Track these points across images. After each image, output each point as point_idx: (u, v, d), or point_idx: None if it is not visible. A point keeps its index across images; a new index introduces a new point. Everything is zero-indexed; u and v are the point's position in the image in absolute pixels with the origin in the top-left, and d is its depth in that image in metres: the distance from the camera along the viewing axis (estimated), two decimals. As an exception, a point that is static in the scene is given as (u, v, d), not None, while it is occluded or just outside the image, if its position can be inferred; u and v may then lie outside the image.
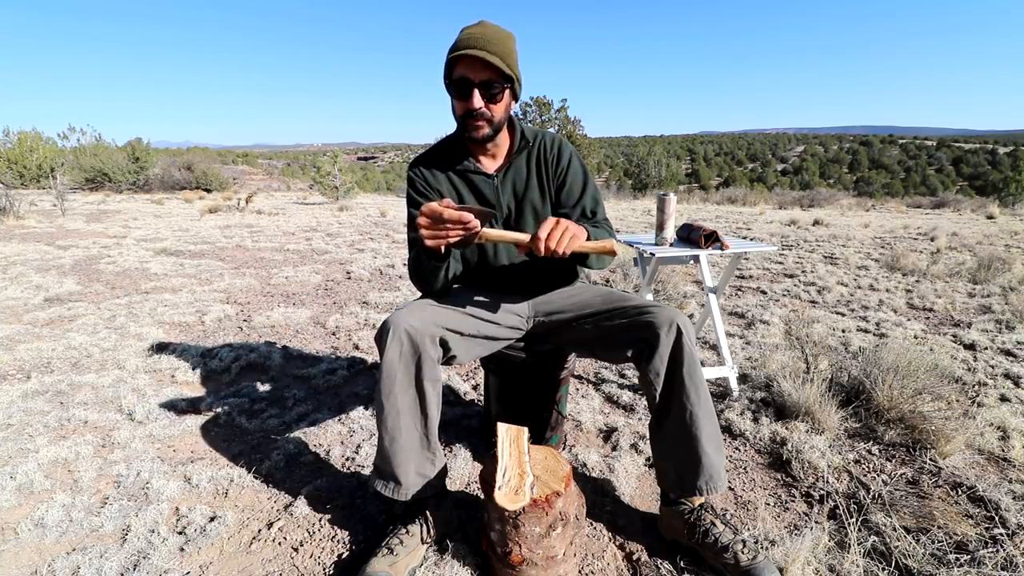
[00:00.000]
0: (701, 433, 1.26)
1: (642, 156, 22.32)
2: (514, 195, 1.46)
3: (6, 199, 7.51)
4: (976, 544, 1.33)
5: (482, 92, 1.29)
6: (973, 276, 4.48)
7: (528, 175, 1.47)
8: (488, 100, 1.31)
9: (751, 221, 9.61)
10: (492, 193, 1.44)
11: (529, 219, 1.47)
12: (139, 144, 18.05)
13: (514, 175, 1.46)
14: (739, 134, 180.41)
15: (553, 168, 1.48)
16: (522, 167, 1.46)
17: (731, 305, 3.69)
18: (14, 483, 1.55)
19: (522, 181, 1.46)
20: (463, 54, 1.25)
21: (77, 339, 2.78)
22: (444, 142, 1.49)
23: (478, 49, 1.24)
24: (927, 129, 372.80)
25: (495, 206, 1.44)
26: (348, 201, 13.50)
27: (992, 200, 16.75)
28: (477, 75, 1.27)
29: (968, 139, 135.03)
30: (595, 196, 1.51)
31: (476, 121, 1.32)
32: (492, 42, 1.26)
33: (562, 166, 1.48)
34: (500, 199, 1.45)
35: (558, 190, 1.48)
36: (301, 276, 4.45)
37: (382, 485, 1.29)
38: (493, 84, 1.29)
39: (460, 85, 1.29)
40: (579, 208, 1.48)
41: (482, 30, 1.28)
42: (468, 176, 1.45)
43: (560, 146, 1.49)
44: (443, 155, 1.46)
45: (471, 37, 1.27)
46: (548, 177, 1.47)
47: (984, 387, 2.29)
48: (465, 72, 1.28)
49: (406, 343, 1.22)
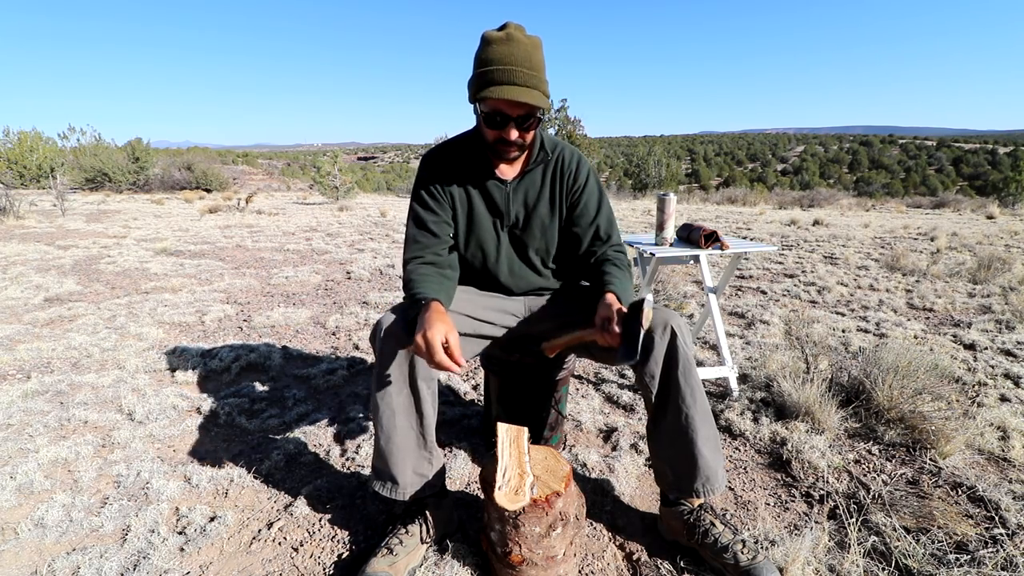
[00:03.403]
0: (697, 435, 1.26)
1: (642, 156, 22.30)
2: (524, 205, 1.43)
3: (6, 199, 7.51)
4: (976, 544, 1.33)
5: (517, 124, 1.24)
6: (973, 276, 4.48)
7: (542, 187, 1.43)
8: (523, 131, 1.27)
9: (751, 221, 9.61)
10: (503, 200, 1.41)
11: (535, 232, 1.44)
12: (139, 144, 18.03)
13: (528, 185, 1.42)
14: (739, 134, 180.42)
15: (569, 184, 1.44)
16: (537, 179, 1.43)
17: (731, 305, 3.69)
18: (14, 483, 1.55)
19: (535, 193, 1.43)
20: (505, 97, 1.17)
21: (77, 339, 2.78)
22: (462, 140, 1.42)
23: (516, 86, 1.18)
24: (927, 129, 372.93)
25: (505, 213, 1.42)
26: (348, 201, 13.50)
27: (992, 200, 16.74)
28: (514, 110, 1.22)
29: (968, 139, 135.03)
30: (609, 217, 1.48)
31: (509, 149, 1.29)
32: (527, 69, 1.18)
33: (579, 184, 1.44)
34: (510, 207, 1.42)
35: (571, 207, 1.45)
36: (301, 276, 4.45)
37: (380, 485, 1.29)
38: (529, 118, 1.25)
39: (494, 120, 1.24)
40: (593, 228, 1.45)
41: (515, 51, 1.18)
42: (482, 183, 1.41)
43: (579, 163, 1.45)
44: (460, 156, 1.40)
45: (507, 67, 1.17)
46: (562, 193, 1.44)
47: (984, 387, 2.29)
48: (501, 108, 1.22)
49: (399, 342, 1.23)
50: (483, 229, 1.43)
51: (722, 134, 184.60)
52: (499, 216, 1.42)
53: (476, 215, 1.41)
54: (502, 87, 1.18)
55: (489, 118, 1.25)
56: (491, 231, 1.43)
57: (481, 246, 1.44)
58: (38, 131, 17.94)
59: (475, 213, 1.41)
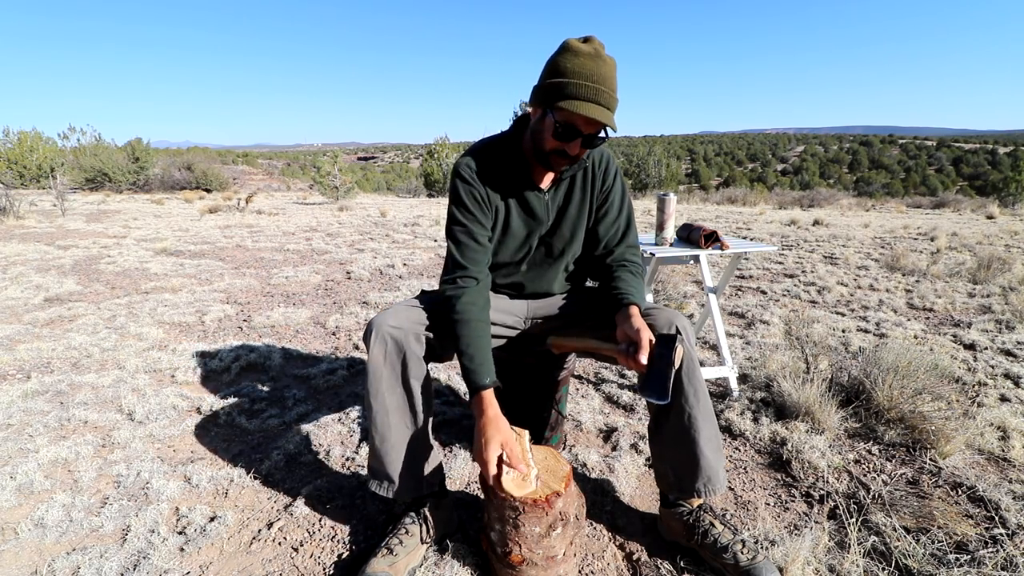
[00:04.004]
0: (700, 435, 1.26)
1: (642, 156, 22.28)
2: (559, 211, 1.43)
3: (6, 199, 7.51)
4: (976, 544, 1.33)
5: (585, 142, 1.24)
6: (973, 276, 4.48)
7: (573, 190, 1.43)
8: (585, 148, 1.26)
9: (751, 221, 9.61)
10: (543, 209, 1.41)
11: (565, 233, 1.44)
12: (139, 144, 18.03)
13: (563, 191, 1.42)
14: (739, 134, 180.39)
15: (600, 184, 1.44)
16: (573, 183, 1.43)
17: (731, 305, 3.69)
18: (14, 483, 1.55)
19: (569, 198, 1.43)
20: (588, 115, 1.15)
21: (77, 339, 2.78)
22: (500, 144, 1.39)
23: (600, 106, 1.16)
24: (927, 129, 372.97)
25: (543, 221, 1.42)
26: (348, 201, 13.50)
27: (992, 200, 16.74)
28: (588, 128, 1.21)
29: (968, 139, 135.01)
30: (630, 216, 1.48)
31: (565, 161, 1.28)
32: (610, 90, 1.18)
33: (607, 184, 1.45)
34: (548, 215, 1.42)
35: (599, 207, 1.45)
36: (301, 276, 4.45)
37: (376, 485, 1.29)
38: (596, 137, 1.24)
39: (568, 131, 1.21)
40: (614, 228, 1.45)
41: (602, 70, 1.17)
42: (520, 191, 1.39)
43: (608, 162, 1.45)
44: (499, 162, 1.37)
45: (593, 87, 1.16)
46: (592, 194, 1.44)
47: (984, 387, 2.29)
48: (577, 123, 1.20)
49: (390, 343, 1.23)
50: (515, 237, 1.42)
51: (722, 134, 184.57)
52: (537, 224, 1.42)
53: (512, 223, 1.40)
54: (588, 104, 1.16)
55: (561, 129, 1.21)
56: (523, 238, 1.42)
57: (509, 252, 1.43)
58: (38, 131, 17.95)
59: (511, 221, 1.40)
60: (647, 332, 1.19)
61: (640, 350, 1.16)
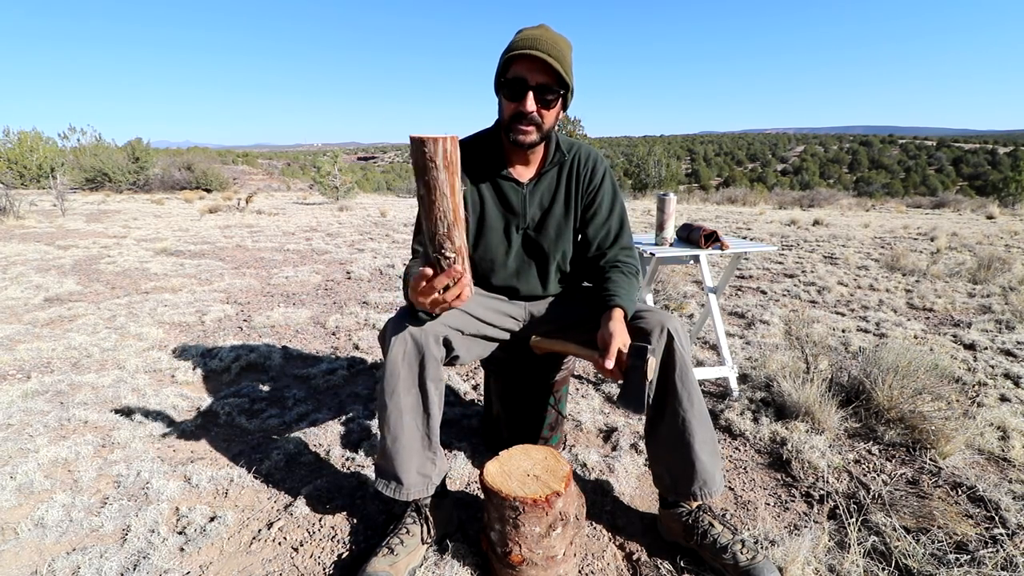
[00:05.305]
0: (694, 439, 1.26)
1: (642, 156, 22.28)
2: (540, 207, 1.43)
3: (6, 199, 7.51)
4: (976, 544, 1.33)
5: (536, 96, 1.25)
6: (973, 276, 4.48)
7: (557, 188, 1.43)
8: (541, 105, 1.27)
9: (751, 221, 9.61)
10: (520, 203, 1.41)
11: (551, 232, 1.44)
12: (139, 144, 18.03)
13: (544, 186, 1.42)
14: (739, 134, 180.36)
15: (585, 184, 1.44)
16: (553, 180, 1.43)
17: (731, 305, 3.69)
18: (14, 483, 1.55)
19: (551, 194, 1.43)
20: (522, 54, 1.21)
21: (77, 339, 2.78)
22: (480, 139, 1.42)
23: (538, 51, 1.20)
24: (927, 129, 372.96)
25: (521, 215, 1.42)
26: (348, 201, 13.51)
27: (992, 200, 16.74)
28: (534, 77, 1.23)
29: (968, 139, 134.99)
30: (621, 216, 1.48)
31: (525, 125, 1.28)
32: (552, 46, 1.22)
33: (594, 184, 1.44)
34: (527, 209, 1.42)
35: (586, 207, 1.45)
36: (301, 276, 4.45)
37: (383, 485, 1.29)
38: (549, 89, 1.25)
39: (515, 85, 1.25)
40: (604, 230, 1.45)
41: (543, 33, 1.24)
42: (498, 182, 1.40)
43: (595, 163, 1.45)
44: (477, 154, 1.39)
45: (531, 38, 1.23)
46: (578, 193, 1.44)
47: (984, 387, 2.29)
48: (522, 72, 1.23)
49: (410, 343, 1.22)
50: (494, 230, 1.42)
51: (722, 134, 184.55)
52: (515, 218, 1.42)
53: (488, 215, 1.40)
54: (527, 51, 1.21)
55: (509, 87, 1.26)
56: (502, 232, 1.43)
57: (491, 247, 1.43)
58: (38, 131, 17.94)
59: (487, 213, 1.40)
60: (619, 338, 1.18)
61: (607, 356, 1.16)
